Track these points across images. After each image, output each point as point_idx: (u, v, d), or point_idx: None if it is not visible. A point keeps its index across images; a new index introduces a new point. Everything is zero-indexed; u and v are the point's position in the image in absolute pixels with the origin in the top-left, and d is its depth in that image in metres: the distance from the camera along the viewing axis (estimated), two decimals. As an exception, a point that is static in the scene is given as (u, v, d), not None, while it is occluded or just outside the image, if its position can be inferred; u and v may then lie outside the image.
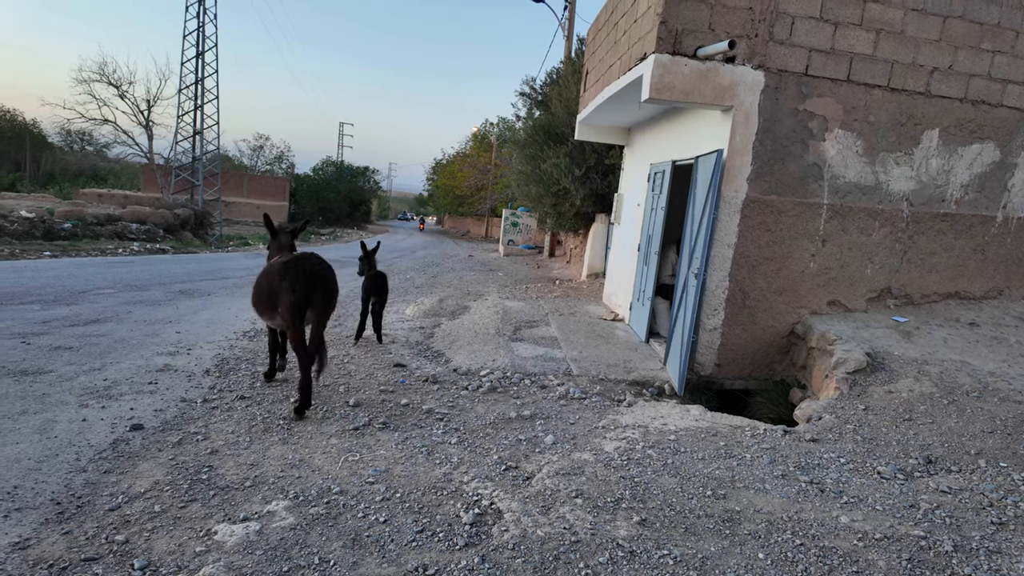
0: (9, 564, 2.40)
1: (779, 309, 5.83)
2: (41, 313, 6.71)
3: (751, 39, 5.33)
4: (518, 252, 21.82)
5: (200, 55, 31.59)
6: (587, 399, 4.94)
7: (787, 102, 5.47)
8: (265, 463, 3.43)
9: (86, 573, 2.39)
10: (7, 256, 11.95)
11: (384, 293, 6.49)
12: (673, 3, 5.19)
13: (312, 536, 2.71)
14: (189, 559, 2.51)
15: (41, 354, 5.14)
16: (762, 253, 5.69)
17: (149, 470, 3.26)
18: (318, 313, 4.19)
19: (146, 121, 35.22)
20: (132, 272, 10.92)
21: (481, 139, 41.69)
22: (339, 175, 51.84)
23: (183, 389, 4.59)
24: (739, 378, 5.93)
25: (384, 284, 6.49)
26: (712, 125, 5.83)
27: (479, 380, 5.22)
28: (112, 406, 4.12)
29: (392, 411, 4.39)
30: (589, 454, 3.76)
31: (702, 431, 4.22)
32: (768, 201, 5.59)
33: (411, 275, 13.58)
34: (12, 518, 2.71)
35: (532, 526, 2.85)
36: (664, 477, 3.44)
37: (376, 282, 6.40)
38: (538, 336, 6.96)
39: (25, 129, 44.79)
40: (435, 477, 3.37)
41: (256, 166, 57.50)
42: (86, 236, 16.21)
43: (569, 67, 14.47)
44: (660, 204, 6.84)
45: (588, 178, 12.66)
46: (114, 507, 2.87)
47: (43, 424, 3.72)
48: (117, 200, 24.85)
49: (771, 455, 3.79)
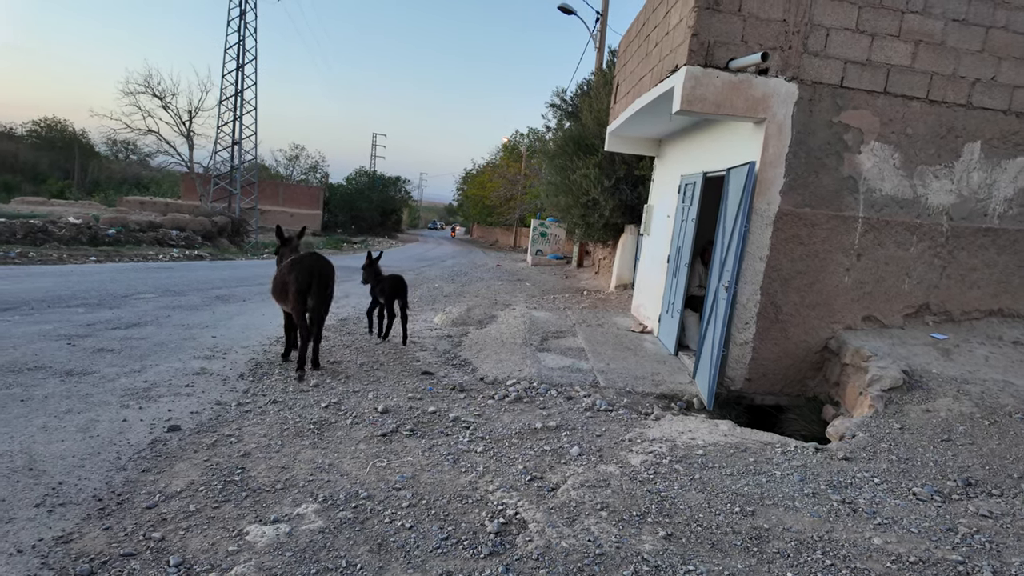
0: (52, 557, 2.50)
1: (812, 324, 5.73)
2: (86, 316, 6.97)
3: (784, 51, 5.28)
4: (546, 262, 21.82)
5: (240, 68, 32.58)
6: (614, 411, 4.92)
7: (821, 114, 5.40)
8: (296, 466, 3.50)
9: (124, 568, 2.47)
10: (55, 260, 12.44)
11: (406, 294, 6.76)
12: (705, 16, 5.18)
13: (340, 540, 2.76)
14: (222, 558, 2.58)
15: (85, 355, 5.34)
16: (795, 266, 5.60)
17: (185, 470, 3.35)
18: (316, 298, 5.21)
19: (187, 131, 36.41)
20: (171, 278, 11.26)
21: (511, 150, 41.96)
22: (371, 185, 52.76)
23: (218, 392, 4.71)
24: (770, 393, 5.83)
25: (404, 286, 6.76)
26: (744, 137, 5.79)
27: (505, 390, 5.25)
28: (151, 407, 4.26)
29: (419, 418, 4.44)
30: (615, 467, 3.74)
31: (731, 446, 4.16)
32: (801, 214, 5.51)
33: (439, 284, 13.70)
34: (56, 513, 2.82)
35: (557, 537, 2.85)
36: (691, 492, 3.40)
37: (397, 285, 6.69)
38: (565, 347, 6.96)
39: (74, 139, 46.71)
40: (461, 485, 3.40)
41: (292, 175, 58.83)
42: (129, 242, 16.79)
43: (600, 79, 14.50)
44: (690, 216, 6.79)
45: (617, 189, 12.63)
46: (151, 505, 2.96)
47: (86, 423, 3.87)
48: (158, 208, 25.70)
49: (802, 473, 3.72)
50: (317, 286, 5.17)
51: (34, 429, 3.69)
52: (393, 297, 6.69)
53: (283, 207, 43.87)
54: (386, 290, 6.65)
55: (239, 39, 32.39)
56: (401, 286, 6.73)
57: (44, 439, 3.57)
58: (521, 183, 34.32)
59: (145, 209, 25.03)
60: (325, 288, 5.27)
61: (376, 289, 6.70)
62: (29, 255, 12.51)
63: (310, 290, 5.14)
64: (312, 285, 5.14)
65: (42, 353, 5.28)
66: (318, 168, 61.07)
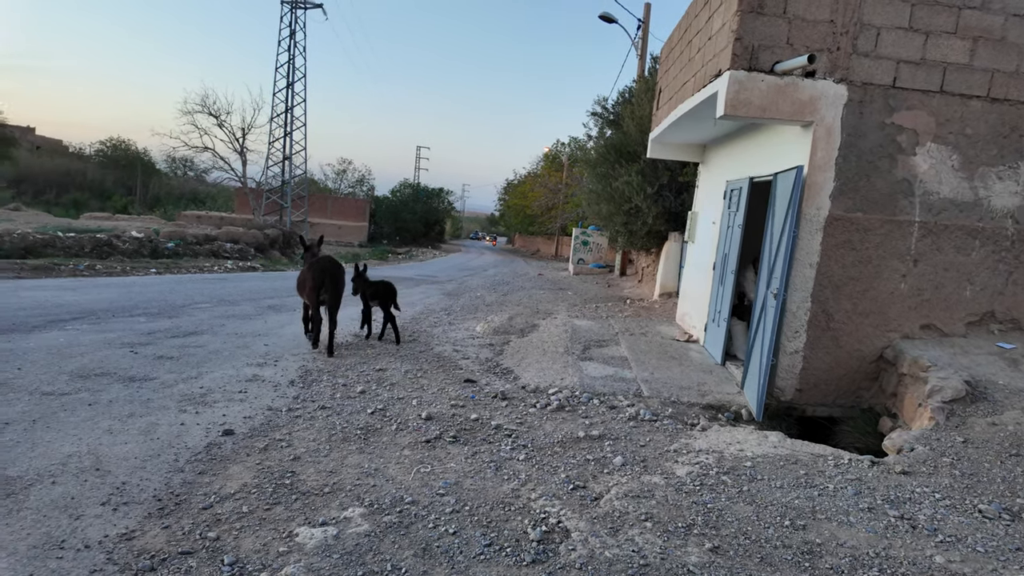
0: (116, 553, 2.63)
1: (866, 332, 5.52)
2: (147, 325, 7.32)
3: (832, 52, 5.15)
4: (588, 271, 21.70)
5: (290, 85, 33.77)
6: (658, 421, 4.85)
7: (873, 116, 5.23)
8: (343, 471, 3.58)
9: (182, 566, 2.58)
10: (119, 272, 13.11)
11: (394, 298, 7.35)
12: (749, 19, 5.11)
13: (385, 543, 2.80)
14: (273, 558, 2.66)
15: (146, 362, 5.61)
16: (847, 273, 5.42)
17: (238, 473, 3.48)
18: (329, 294, 6.26)
19: (241, 148, 37.87)
20: (226, 288, 11.71)
21: (552, 159, 42.03)
22: (415, 196, 53.71)
23: (270, 398, 4.87)
24: (822, 404, 5.63)
25: (392, 291, 7.34)
26: (791, 141, 5.65)
27: (547, 398, 5.24)
28: (206, 412, 4.43)
29: (462, 425, 4.48)
30: (660, 477, 3.69)
31: (781, 458, 4.04)
32: (853, 219, 5.34)
33: (481, 293, 13.80)
34: (120, 511, 2.97)
35: (600, 547, 2.83)
36: (739, 504, 3.32)
37: (386, 290, 7.30)
38: (608, 356, 6.90)
39: (137, 157, 49.23)
40: (503, 492, 3.41)
41: (339, 189, 60.44)
42: (186, 254, 17.54)
43: (642, 86, 14.41)
44: (737, 222, 6.66)
45: (661, 196, 12.49)
46: (207, 506, 3.08)
47: (147, 427, 4.06)
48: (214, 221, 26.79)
49: (856, 486, 3.58)
50: (330, 283, 6.25)
51: (100, 431, 3.90)
52: (385, 301, 7.26)
53: (331, 219, 45.07)
54: (378, 295, 7.22)
55: (289, 58, 33.62)
56: (389, 291, 7.29)
57: (109, 441, 3.76)
58: (562, 192, 34.31)
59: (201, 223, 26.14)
60: (336, 285, 6.31)
61: (367, 295, 7.27)
62: (96, 267, 13.23)
63: (324, 286, 6.23)
64: (325, 282, 6.23)
65: (107, 360, 5.56)
66: (364, 181, 62.61)
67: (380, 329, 7.49)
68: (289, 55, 33.70)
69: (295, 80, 34.02)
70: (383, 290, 7.27)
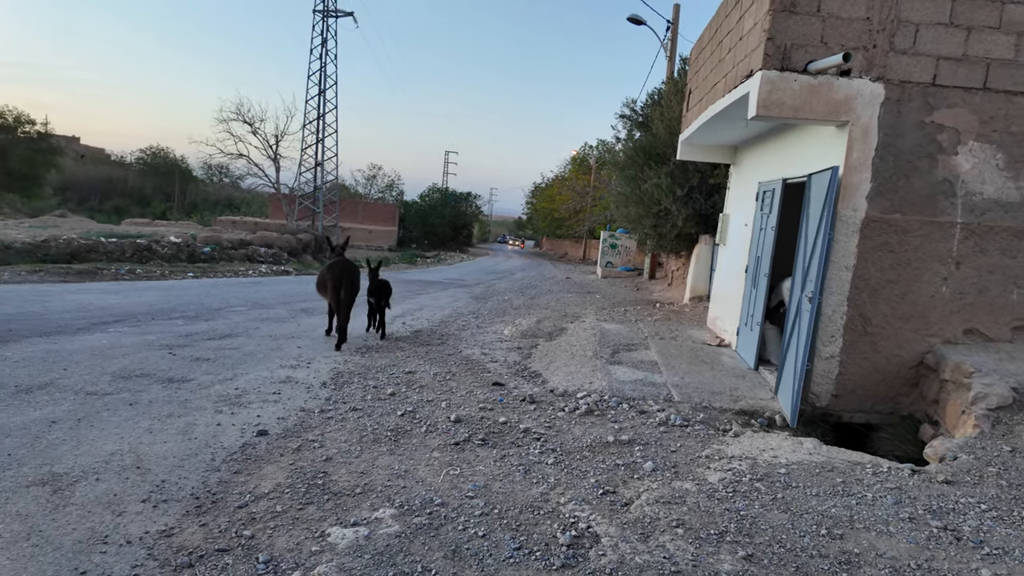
0: (156, 549, 2.70)
1: (905, 337, 5.36)
2: (184, 327, 7.52)
3: (868, 50, 5.03)
4: (616, 274, 21.55)
5: (322, 93, 34.38)
6: (689, 427, 4.79)
7: (911, 115, 5.09)
8: (374, 472, 3.62)
9: (219, 563, 2.64)
10: (158, 276, 13.50)
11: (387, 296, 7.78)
12: (781, 18, 5.03)
13: (415, 544, 2.83)
14: (306, 557, 2.70)
15: (184, 364, 5.76)
16: (885, 276, 5.27)
17: (272, 473, 3.55)
18: (345, 291, 6.90)
19: (274, 154, 38.62)
20: (260, 292, 11.96)
21: (580, 162, 41.92)
22: (443, 201, 54.12)
23: (302, 400, 4.96)
24: (859, 411, 5.48)
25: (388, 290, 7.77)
26: (825, 141, 5.54)
27: (576, 402, 5.22)
28: (241, 413, 4.53)
29: (491, 428, 4.49)
30: (691, 483, 3.64)
31: (816, 466, 3.95)
32: (891, 220, 5.19)
33: (509, 296, 13.82)
34: (160, 508, 3.05)
35: (630, 553, 2.80)
36: (773, 512, 3.26)
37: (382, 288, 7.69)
38: (637, 360, 6.84)
39: (175, 164, 50.64)
40: (532, 496, 3.41)
41: (369, 194, 61.22)
42: (222, 259, 17.97)
43: (671, 87, 14.29)
44: (770, 224, 6.55)
45: (691, 198, 12.35)
46: (242, 504, 3.15)
47: (185, 426, 4.16)
48: (248, 226, 27.40)
49: (896, 495, 3.47)
50: (346, 283, 6.90)
51: (140, 431, 4.02)
52: (379, 297, 7.69)
53: (362, 224, 45.64)
54: (373, 292, 7.61)
55: (321, 66, 34.23)
56: (384, 289, 7.71)
57: (149, 440, 3.87)
58: (590, 195, 34.16)
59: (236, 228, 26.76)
60: (352, 284, 6.97)
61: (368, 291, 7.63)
62: (136, 271, 13.65)
63: (341, 285, 6.88)
64: (343, 282, 6.88)
65: (147, 361, 5.73)
66: (394, 186, 63.31)
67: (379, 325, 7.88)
68: (321, 63, 34.31)
69: (327, 87, 34.61)
70: (379, 288, 7.72)
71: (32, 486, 3.16)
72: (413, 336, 8.06)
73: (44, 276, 11.51)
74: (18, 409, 4.22)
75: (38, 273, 11.72)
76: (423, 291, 14.58)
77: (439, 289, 15.39)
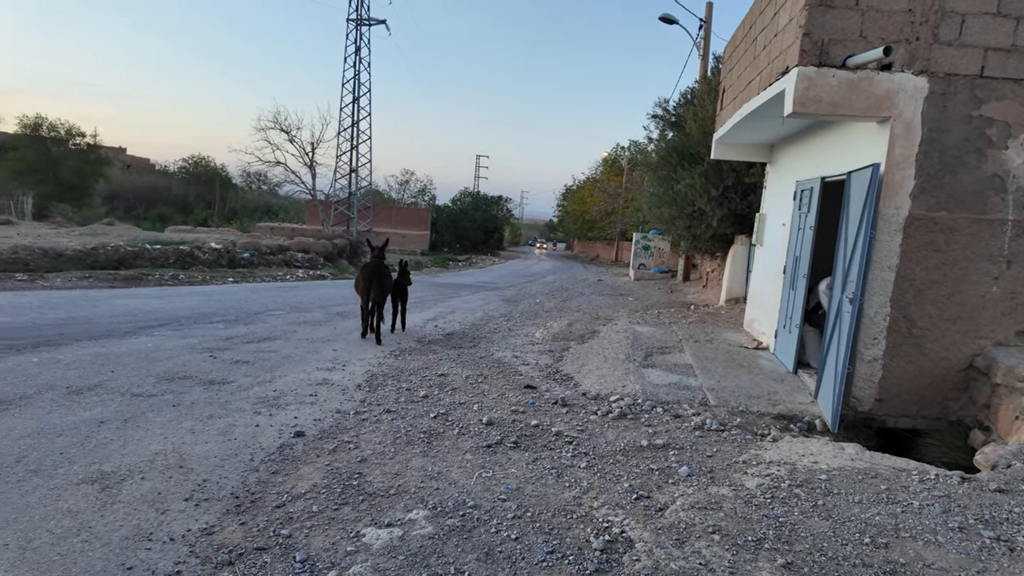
0: (198, 547, 2.78)
1: (953, 339, 5.16)
2: (225, 331, 7.73)
3: (911, 43, 4.87)
4: (649, 276, 21.31)
5: (356, 100, 34.97)
6: (726, 431, 4.70)
7: (957, 108, 4.91)
8: (407, 473, 3.66)
9: (257, 561, 2.69)
10: (200, 282, 13.91)
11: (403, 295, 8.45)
12: (818, 13, 4.91)
13: (448, 546, 2.84)
14: (341, 557, 2.74)
15: (224, 367, 5.92)
16: (930, 276, 5.09)
17: (309, 473, 3.61)
18: (376, 291, 7.51)
19: (310, 161, 39.43)
20: (297, 296, 12.22)
21: (612, 164, 41.64)
22: (475, 205, 54.45)
23: (338, 401, 5.04)
24: (904, 416, 5.30)
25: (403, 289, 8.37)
26: (865, 137, 5.38)
27: (608, 405, 5.17)
28: (279, 414, 4.63)
29: (523, 431, 4.49)
30: (728, 489, 3.57)
31: (859, 472, 3.83)
32: (936, 218, 5.01)
33: (540, 299, 13.80)
34: (202, 507, 3.14)
35: (665, 559, 2.76)
36: (813, 519, 3.17)
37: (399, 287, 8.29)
38: (671, 363, 6.75)
39: (215, 173, 52.15)
40: (565, 500, 3.39)
41: (402, 199, 61.93)
42: (261, 264, 18.42)
43: (704, 86, 14.09)
44: (808, 223, 6.39)
45: (726, 198, 12.14)
46: (280, 504, 3.21)
47: (225, 427, 4.27)
48: (286, 232, 28.04)
49: (944, 504, 3.34)
50: (377, 283, 7.49)
51: (183, 431, 4.14)
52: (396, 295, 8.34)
53: (395, 229, 46.19)
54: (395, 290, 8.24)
55: (355, 73, 34.82)
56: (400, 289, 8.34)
57: (191, 440, 3.99)
58: (622, 196, 33.90)
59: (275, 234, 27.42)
60: (381, 285, 7.56)
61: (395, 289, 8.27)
62: (179, 277, 14.09)
63: (372, 285, 7.47)
64: (374, 282, 7.47)
65: (189, 364, 5.91)
66: (426, 191, 63.89)
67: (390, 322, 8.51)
68: (355, 71, 34.92)
69: (360, 95, 35.19)
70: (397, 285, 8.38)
71: (82, 484, 3.28)
72: (445, 339, 8.12)
73: (93, 282, 11.98)
74: (69, 410, 4.40)
75: (88, 279, 12.21)
76: (455, 294, 14.67)
77: (470, 292, 15.47)
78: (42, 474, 3.36)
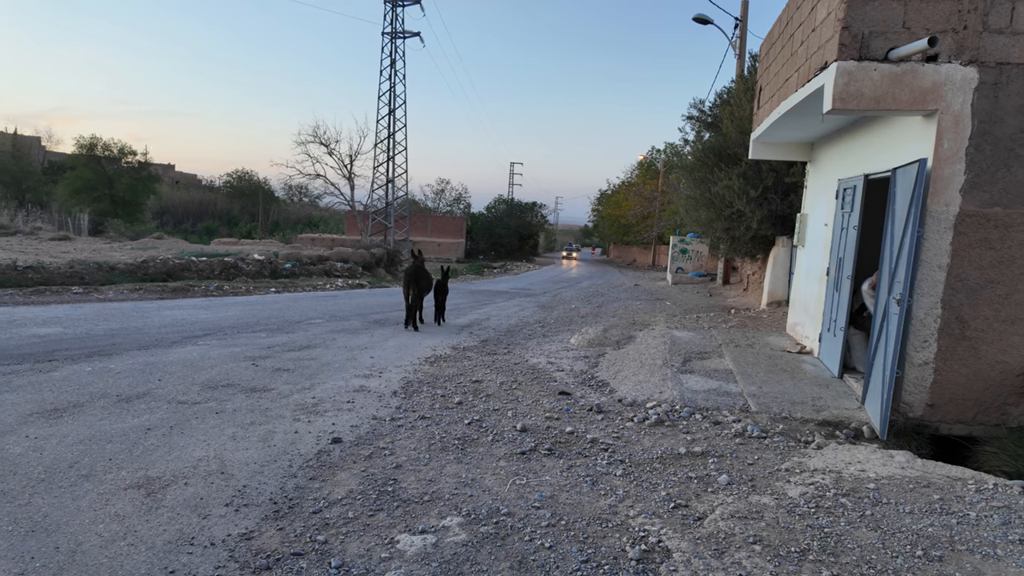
0: (238, 551, 2.83)
1: (1011, 341, 4.89)
2: (267, 340, 7.92)
3: (958, 33, 4.67)
4: (687, 280, 20.96)
5: (391, 112, 35.60)
6: (767, 438, 4.56)
7: (1011, 99, 4.67)
8: (441, 480, 3.66)
9: (294, 566, 2.73)
10: (243, 292, 14.32)
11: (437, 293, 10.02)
12: (857, 5, 4.75)
13: (482, 554, 2.82)
14: (375, 564, 2.75)
15: (266, 374, 6.06)
16: (984, 275, 4.84)
17: (345, 480, 3.65)
18: (414, 289, 9.09)
19: (349, 173, 40.31)
20: (336, 305, 12.44)
21: (647, 167, 41.22)
22: (509, 212, 54.65)
23: (374, 408, 5.09)
24: (959, 422, 5.04)
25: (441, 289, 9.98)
26: (910, 132, 5.17)
27: (645, 412, 5.08)
28: (317, 421, 4.70)
29: (557, 438, 4.45)
30: (769, 498, 3.46)
31: (909, 481, 3.66)
32: (990, 214, 4.77)
33: (575, 305, 13.71)
34: (241, 512, 3.20)
35: (704, 569, 2.68)
36: (861, 530, 3.03)
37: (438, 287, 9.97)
38: (710, 368, 6.60)
39: (259, 187, 53.80)
40: (600, 508, 3.34)
41: (438, 208, 62.66)
42: (302, 274, 18.85)
43: (741, 85, 13.83)
44: (851, 223, 6.17)
45: (765, 199, 11.86)
46: (317, 510, 3.25)
47: (265, 434, 4.37)
48: (326, 243, 28.67)
49: (1004, 515, 3.16)
50: (415, 283, 9.05)
51: (225, 438, 4.24)
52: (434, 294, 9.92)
53: (431, 237, 46.75)
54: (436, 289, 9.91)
55: (391, 86, 35.48)
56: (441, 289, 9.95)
57: (233, 447, 4.09)
58: (658, 200, 33.49)
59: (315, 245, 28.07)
60: (419, 284, 9.10)
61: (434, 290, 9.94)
62: (224, 288, 14.54)
63: (411, 285, 9.05)
64: (411, 283, 9.05)
65: (232, 372, 6.07)
66: (461, 199, 64.51)
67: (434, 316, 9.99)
68: (390, 83, 35.57)
69: (396, 107, 35.82)
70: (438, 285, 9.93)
71: (129, 489, 3.39)
72: (480, 345, 8.14)
73: (143, 294, 12.47)
74: (119, 417, 4.57)
75: (138, 291, 12.70)
76: (490, 301, 14.71)
77: (505, 299, 15.49)
78: (92, 479, 3.49)
